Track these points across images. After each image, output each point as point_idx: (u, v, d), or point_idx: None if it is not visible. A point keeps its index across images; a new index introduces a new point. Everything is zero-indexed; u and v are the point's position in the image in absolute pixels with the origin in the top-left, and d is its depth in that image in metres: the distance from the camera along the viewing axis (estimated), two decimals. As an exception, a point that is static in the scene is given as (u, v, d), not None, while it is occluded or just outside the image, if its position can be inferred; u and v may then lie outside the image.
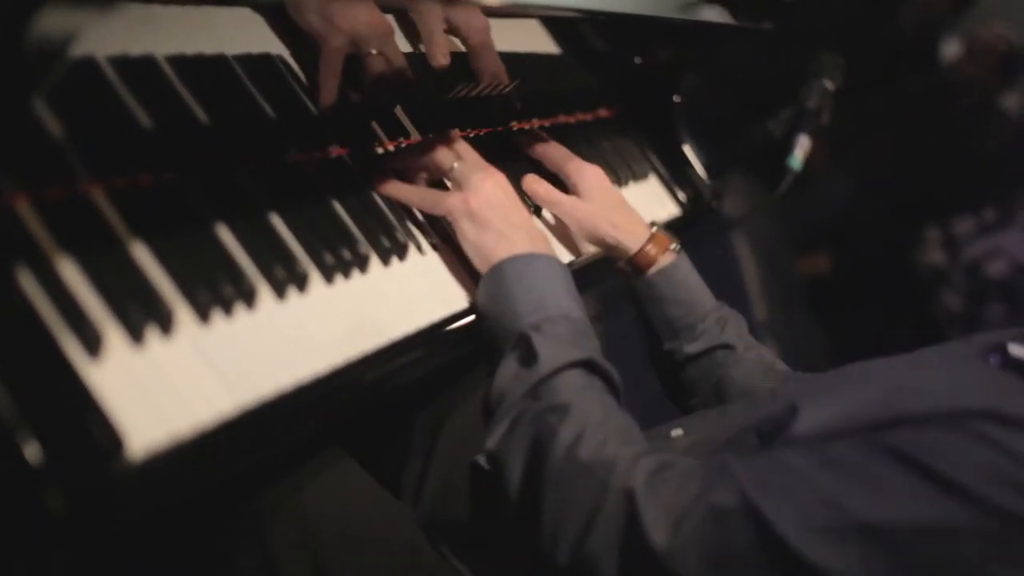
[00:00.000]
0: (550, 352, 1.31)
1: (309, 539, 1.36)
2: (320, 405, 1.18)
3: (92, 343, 0.97)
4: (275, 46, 1.40)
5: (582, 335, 1.37)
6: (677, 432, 1.55)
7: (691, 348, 1.72)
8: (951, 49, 5.55)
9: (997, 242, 4.66)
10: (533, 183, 1.71)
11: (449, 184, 1.52)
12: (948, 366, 1.40)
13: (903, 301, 4.87)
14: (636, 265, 1.73)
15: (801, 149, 2.40)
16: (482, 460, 1.33)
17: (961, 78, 5.32)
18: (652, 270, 1.73)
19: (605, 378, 1.35)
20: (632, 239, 1.72)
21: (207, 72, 1.27)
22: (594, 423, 1.26)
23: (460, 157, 1.50)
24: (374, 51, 1.41)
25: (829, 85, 2.44)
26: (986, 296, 4.57)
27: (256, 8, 1.36)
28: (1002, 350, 1.34)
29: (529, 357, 1.32)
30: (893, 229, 5.02)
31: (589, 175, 1.74)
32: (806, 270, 4.98)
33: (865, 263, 5.00)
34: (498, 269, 1.40)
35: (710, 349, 1.72)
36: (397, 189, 1.47)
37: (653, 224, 1.76)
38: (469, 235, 1.44)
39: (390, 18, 1.48)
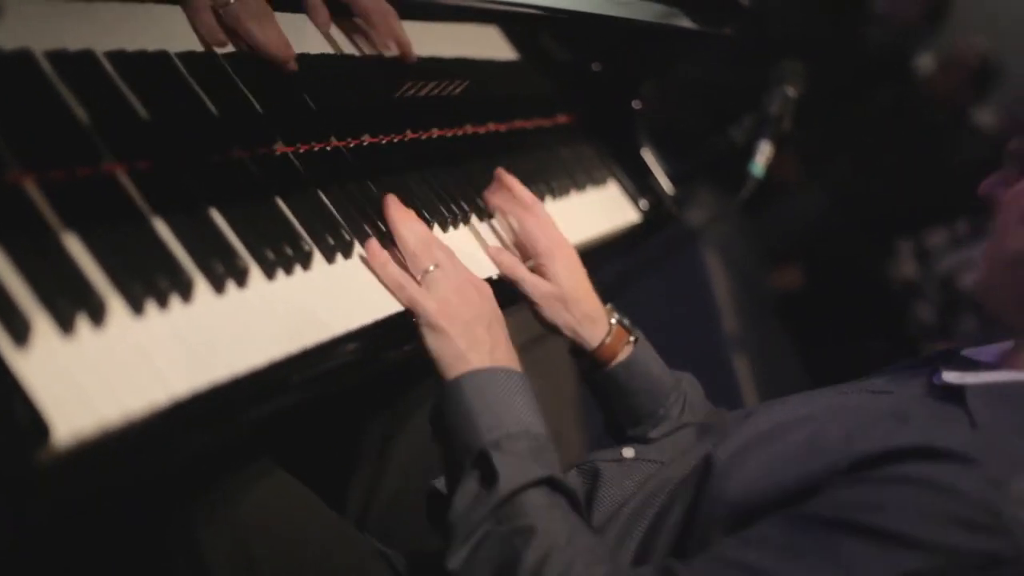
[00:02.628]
0: (511, 471, 1.30)
1: (244, 550, 1.35)
2: (256, 400, 1.18)
3: (20, 332, 0.97)
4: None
5: (543, 450, 1.35)
6: (629, 452, 1.58)
7: (654, 433, 1.71)
8: (925, 63, 5.59)
9: (970, 254, 4.68)
10: (499, 254, 1.70)
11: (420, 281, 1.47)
12: (887, 399, 1.43)
13: (876, 314, 4.89)
14: (596, 359, 1.72)
15: (762, 155, 2.42)
16: (439, 486, 1.33)
17: (934, 92, 5.36)
18: (613, 363, 1.71)
19: (568, 495, 1.34)
20: (592, 332, 1.70)
21: (147, 68, 1.26)
22: (560, 545, 1.26)
23: (438, 264, 1.46)
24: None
25: (791, 92, 2.45)
26: (959, 308, 4.58)
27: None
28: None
29: (490, 476, 1.31)
30: (866, 242, 5.04)
31: (559, 258, 1.71)
32: (778, 284, 5.00)
33: (838, 276, 5.02)
34: (457, 383, 1.38)
35: (673, 431, 1.71)
36: (382, 269, 1.44)
37: (613, 315, 1.73)
38: (431, 344, 1.41)
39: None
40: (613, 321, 1.72)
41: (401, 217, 1.48)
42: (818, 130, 5.14)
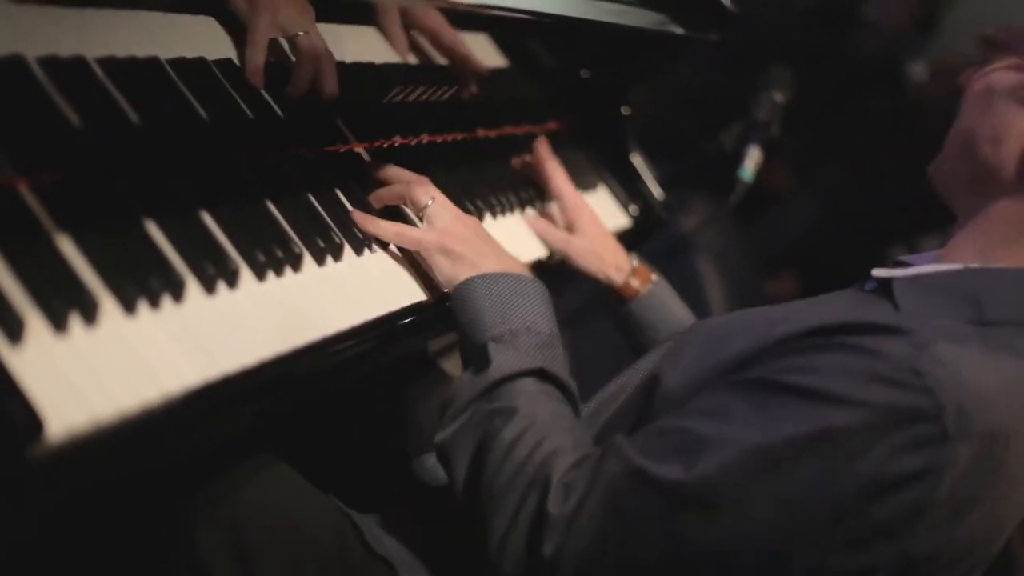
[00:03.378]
0: (505, 360, 1.37)
1: (240, 543, 1.37)
2: (249, 398, 1.20)
3: (14, 330, 0.99)
4: (211, 52, 1.42)
5: (545, 347, 1.42)
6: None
7: None
8: (917, 71, 5.60)
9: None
10: (534, 220, 1.94)
11: (420, 222, 1.56)
12: (819, 300, 1.51)
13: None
14: (619, 296, 1.92)
15: (751, 160, 2.45)
16: (421, 466, 1.37)
17: (925, 100, 5.37)
18: (636, 300, 1.91)
19: (560, 387, 1.40)
20: (617, 273, 1.92)
21: (139, 74, 1.29)
22: (538, 425, 1.32)
23: (434, 198, 1.55)
24: (301, 32, 1.46)
25: (779, 98, 2.49)
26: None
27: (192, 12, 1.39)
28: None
29: (484, 364, 1.38)
30: (860, 249, 5.05)
31: (585, 212, 1.96)
32: (772, 291, 5.01)
33: (833, 284, 5.03)
34: (467, 284, 1.46)
35: None
36: (374, 225, 1.52)
37: (635, 258, 1.95)
38: (444, 268, 1.50)
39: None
40: (635, 263, 1.95)
41: (391, 167, 1.60)
42: (810, 137, 5.17)
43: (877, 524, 1.21)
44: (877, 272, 1.44)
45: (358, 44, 1.66)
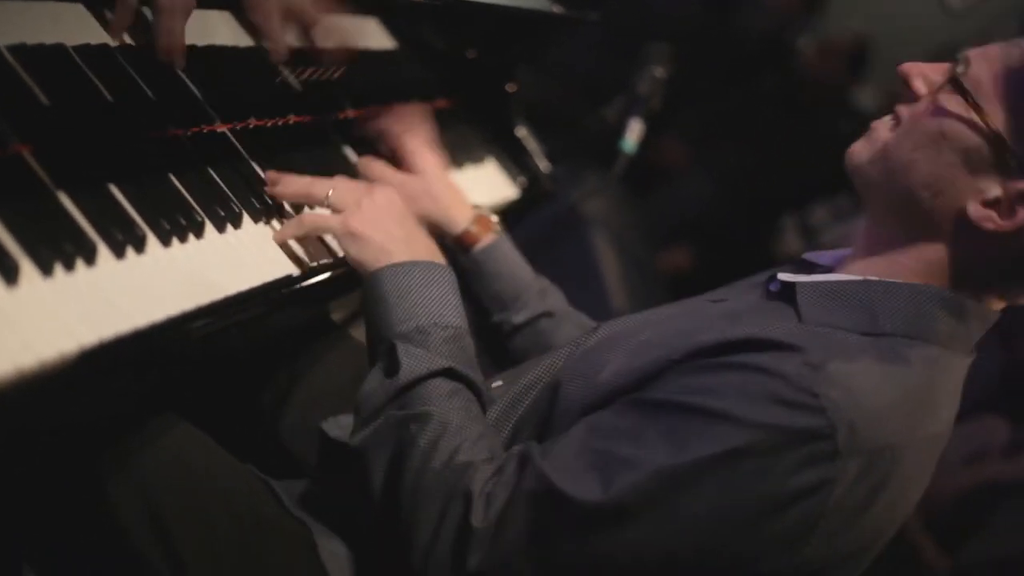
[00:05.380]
0: (414, 362, 1.42)
1: (151, 503, 1.43)
2: (158, 352, 1.32)
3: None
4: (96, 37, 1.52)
5: (451, 341, 1.47)
6: (497, 383, 1.70)
7: (517, 318, 1.89)
8: (806, 45, 5.74)
9: (851, 228, 4.86)
10: (367, 163, 1.87)
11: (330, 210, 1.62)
12: (727, 306, 1.56)
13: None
14: (461, 243, 1.91)
15: (632, 133, 2.58)
16: (328, 428, 1.45)
17: (812, 75, 5.52)
18: (476, 248, 1.91)
19: (468, 384, 1.46)
20: (457, 218, 1.91)
21: (47, 59, 1.40)
22: (451, 431, 1.39)
23: (333, 186, 1.60)
24: None
25: (659, 72, 2.61)
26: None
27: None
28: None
29: (393, 366, 1.43)
30: (752, 221, 5.19)
31: (427, 156, 1.92)
32: (667, 265, 5.12)
33: (726, 255, 5.17)
34: (375, 277, 1.50)
35: (535, 318, 1.89)
36: (283, 232, 1.58)
37: (476, 207, 1.94)
38: (352, 253, 1.55)
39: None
40: (477, 209, 1.94)
41: (282, 179, 1.64)
42: (703, 114, 5.31)
43: (777, 535, 1.31)
44: (783, 276, 1.50)
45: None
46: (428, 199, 1.88)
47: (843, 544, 1.36)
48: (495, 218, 1.95)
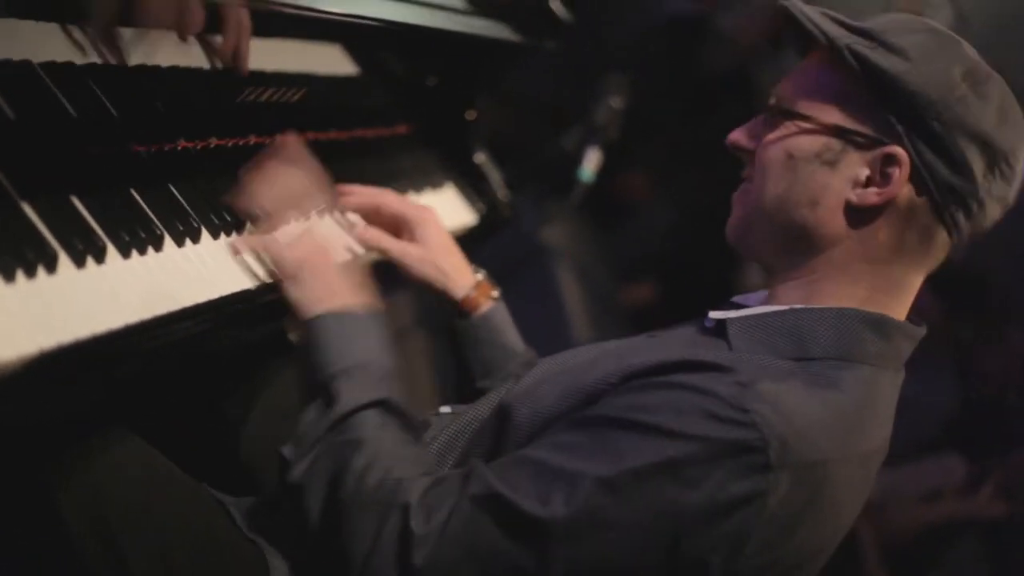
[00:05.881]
0: (348, 395, 1.47)
1: (101, 516, 1.46)
2: (115, 358, 1.36)
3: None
4: (79, 57, 1.56)
5: (383, 379, 1.52)
6: (446, 409, 1.77)
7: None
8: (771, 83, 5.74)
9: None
10: (365, 231, 1.91)
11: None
12: (662, 338, 1.63)
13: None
14: (460, 309, 1.95)
15: (590, 162, 2.65)
16: (288, 453, 1.50)
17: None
18: (475, 315, 1.95)
19: (399, 416, 1.50)
20: (459, 285, 1.94)
21: (14, 76, 1.44)
22: (384, 453, 1.43)
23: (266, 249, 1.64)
24: None
25: (616, 103, 2.67)
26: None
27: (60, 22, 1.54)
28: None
29: (330, 399, 1.48)
30: (714, 255, 5.21)
31: (429, 222, 1.95)
32: (630, 299, 5.15)
33: (689, 287, 5.20)
34: (312, 324, 1.55)
35: None
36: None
37: (478, 272, 1.98)
38: (292, 293, 1.59)
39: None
40: (479, 276, 1.96)
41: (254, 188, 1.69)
42: (666, 148, 5.35)
43: (712, 544, 1.35)
44: (714, 314, 1.56)
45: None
46: (432, 267, 1.92)
47: (777, 557, 1.41)
48: (495, 292, 1.98)
